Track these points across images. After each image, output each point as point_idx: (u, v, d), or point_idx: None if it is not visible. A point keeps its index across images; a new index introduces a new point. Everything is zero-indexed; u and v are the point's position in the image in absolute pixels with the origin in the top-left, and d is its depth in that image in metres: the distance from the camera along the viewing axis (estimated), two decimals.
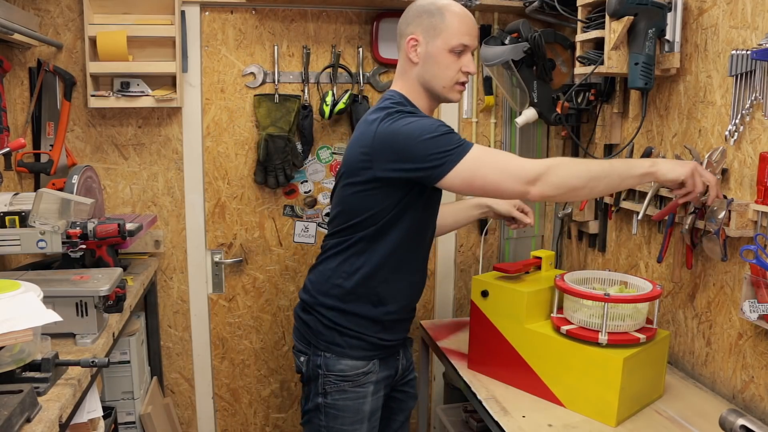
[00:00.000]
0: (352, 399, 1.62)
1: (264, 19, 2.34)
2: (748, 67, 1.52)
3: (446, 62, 1.56)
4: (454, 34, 1.55)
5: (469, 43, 1.57)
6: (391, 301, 1.65)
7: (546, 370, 1.63)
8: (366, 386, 1.64)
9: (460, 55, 1.57)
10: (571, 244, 2.46)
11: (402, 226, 1.58)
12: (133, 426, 2.08)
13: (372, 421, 1.66)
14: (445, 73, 1.57)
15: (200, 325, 2.46)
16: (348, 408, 1.62)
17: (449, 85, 1.59)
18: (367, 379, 1.64)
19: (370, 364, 1.64)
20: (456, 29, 1.55)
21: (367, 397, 1.64)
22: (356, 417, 1.62)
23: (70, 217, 1.71)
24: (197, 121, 2.34)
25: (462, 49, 1.56)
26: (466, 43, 1.56)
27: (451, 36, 1.55)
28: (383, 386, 1.69)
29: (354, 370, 1.62)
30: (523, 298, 1.66)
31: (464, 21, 1.57)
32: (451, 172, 1.41)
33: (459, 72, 1.58)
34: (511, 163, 1.44)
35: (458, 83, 1.59)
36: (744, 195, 1.58)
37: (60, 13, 2.18)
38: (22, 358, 1.21)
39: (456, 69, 1.57)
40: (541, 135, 2.62)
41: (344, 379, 1.62)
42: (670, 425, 1.52)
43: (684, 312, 1.84)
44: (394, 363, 1.73)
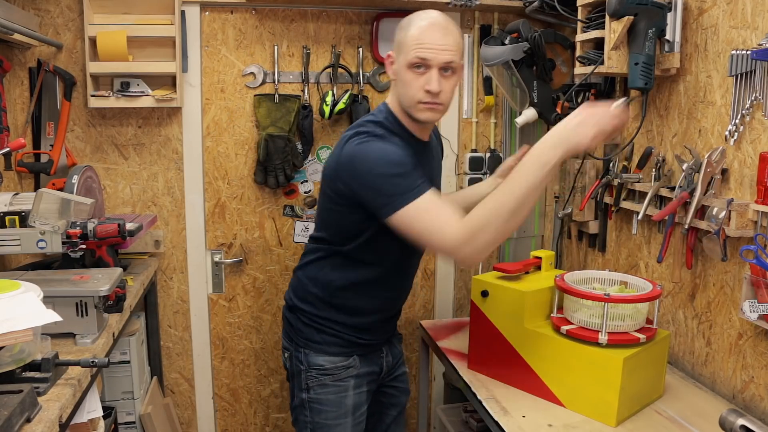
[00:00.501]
0: (333, 393, 1.63)
1: (264, 19, 2.34)
2: (748, 67, 1.52)
3: (407, 79, 1.46)
4: (411, 48, 1.43)
5: (428, 56, 1.42)
6: (367, 313, 1.66)
7: (546, 370, 1.63)
8: (347, 380, 1.64)
9: (423, 71, 1.44)
10: (571, 244, 2.46)
11: (374, 246, 1.55)
12: (133, 426, 2.08)
13: (357, 415, 1.65)
14: (407, 91, 1.47)
15: (200, 325, 2.46)
16: (330, 402, 1.63)
17: (412, 104, 1.48)
18: (348, 373, 1.64)
19: (350, 359, 1.64)
20: (414, 43, 1.43)
21: (349, 391, 1.64)
22: (339, 411, 1.63)
23: (70, 217, 1.71)
24: (197, 121, 2.34)
25: (420, 64, 1.43)
26: (422, 56, 1.42)
27: (408, 51, 1.44)
28: (366, 382, 1.68)
29: (333, 364, 1.63)
30: (523, 298, 1.66)
31: (425, 33, 1.43)
32: (390, 216, 1.38)
33: (421, 90, 1.45)
34: (444, 228, 1.34)
35: (421, 102, 1.46)
36: (744, 195, 1.58)
37: (60, 13, 2.18)
38: (22, 358, 1.21)
39: (417, 87, 1.45)
40: (541, 135, 2.59)
41: (324, 373, 1.63)
42: (670, 425, 1.52)
43: (684, 312, 1.84)
44: (377, 360, 1.73)
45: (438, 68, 1.43)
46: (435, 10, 1.50)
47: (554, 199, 2.62)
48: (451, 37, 1.45)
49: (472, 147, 2.56)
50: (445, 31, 1.44)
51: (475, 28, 2.47)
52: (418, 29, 1.44)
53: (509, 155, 2.57)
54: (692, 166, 1.68)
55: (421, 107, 1.47)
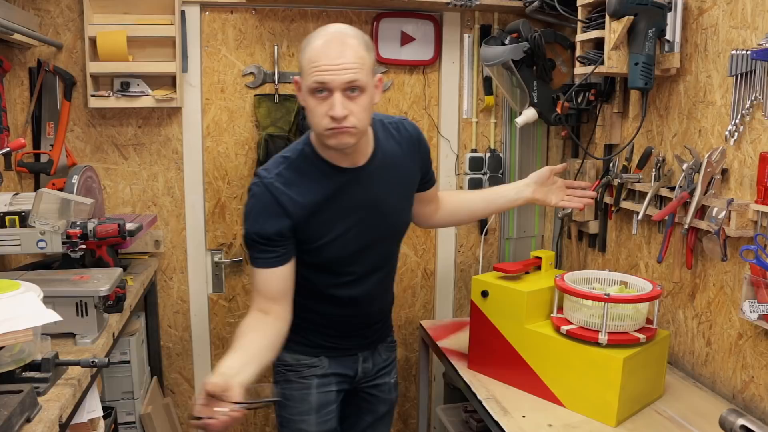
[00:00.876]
0: (296, 389, 1.61)
1: (264, 19, 2.34)
2: (748, 67, 1.52)
3: (311, 106, 1.32)
4: (309, 73, 1.29)
5: (326, 80, 1.27)
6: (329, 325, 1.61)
7: (546, 370, 1.63)
8: (309, 379, 1.61)
9: (325, 95, 1.29)
10: (571, 244, 2.46)
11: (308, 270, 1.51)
12: (133, 426, 2.08)
13: (322, 413, 1.61)
14: (313, 118, 1.34)
15: (200, 325, 2.46)
16: (294, 398, 1.61)
17: (320, 131, 1.34)
18: (311, 372, 1.61)
19: (315, 359, 1.61)
20: (310, 67, 1.28)
21: (311, 389, 1.61)
22: (302, 407, 1.60)
23: (70, 217, 1.71)
24: (197, 121, 2.34)
25: (320, 88, 1.28)
26: (320, 80, 1.27)
27: (307, 75, 1.30)
28: (335, 382, 1.62)
29: (297, 361, 1.61)
30: (523, 298, 1.66)
31: (320, 53, 1.28)
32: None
33: (325, 117, 1.30)
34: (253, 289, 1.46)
35: (327, 129, 1.31)
36: (744, 195, 1.58)
37: (60, 13, 2.18)
38: (22, 358, 1.21)
39: (321, 114, 1.30)
40: (541, 135, 2.62)
41: (289, 369, 1.62)
42: (670, 425, 1.52)
43: (684, 312, 1.84)
44: (351, 364, 1.65)
45: (340, 91, 1.28)
46: (336, 24, 1.35)
47: None
48: (351, 52, 1.29)
49: (472, 147, 2.55)
50: (342, 48, 1.28)
51: (475, 28, 2.47)
52: (314, 50, 1.29)
53: (509, 155, 2.58)
54: (692, 166, 1.68)
55: (329, 134, 1.33)
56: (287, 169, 1.43)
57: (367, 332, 1.66)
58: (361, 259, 1.53)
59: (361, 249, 1.51)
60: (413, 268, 2.62)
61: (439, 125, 2.52)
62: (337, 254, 1.48)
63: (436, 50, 2.46)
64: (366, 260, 1.54)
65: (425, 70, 2.49)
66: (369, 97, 1.34)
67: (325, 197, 1.42)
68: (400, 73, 2.47)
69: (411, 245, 2.60)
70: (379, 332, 1.70)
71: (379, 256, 1.57)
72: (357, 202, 1.46)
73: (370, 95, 1.34)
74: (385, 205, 1.51)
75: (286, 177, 1.42)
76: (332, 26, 1.34)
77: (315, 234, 1.44)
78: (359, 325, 1.64)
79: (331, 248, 1.47)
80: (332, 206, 1.44)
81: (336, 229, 1.45)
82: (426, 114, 2.52)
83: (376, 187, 1.48)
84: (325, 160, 1.43)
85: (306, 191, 1.41)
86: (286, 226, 1.40)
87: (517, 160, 2.59)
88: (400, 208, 1.57)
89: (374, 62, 1.36)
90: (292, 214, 1.40)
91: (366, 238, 1.50)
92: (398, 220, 1.58)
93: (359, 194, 1.46)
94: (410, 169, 1.58)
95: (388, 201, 1.52)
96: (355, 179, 1.45)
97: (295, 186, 1.41)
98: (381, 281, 1.62)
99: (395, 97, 2.48)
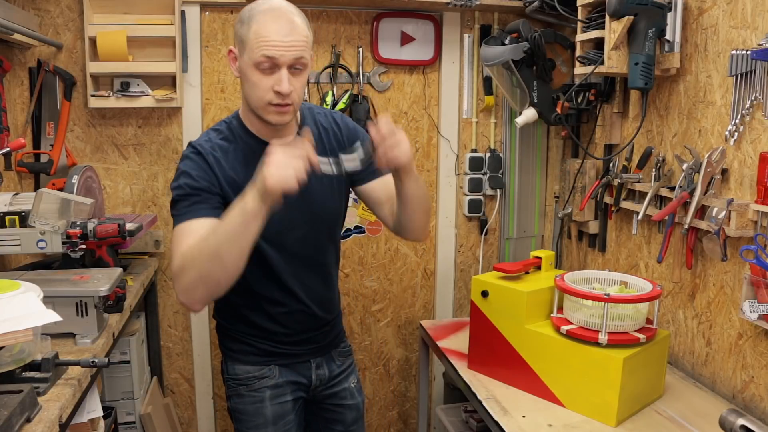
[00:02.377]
0: (249, 403, 1.56)
1: None
2: (748, 67, 1.52)
3: (254, 80, 1.32)
4: (256, 46, 1.29)
5: (275, 54, 1.29)
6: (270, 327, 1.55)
7: (546, 370, 1.63)
8: (262, 391, 1.56)
9: (271, 70, 1.31)
10: (571, 244, 2.46)
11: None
12: (133, 426, 2.08)
13: (280, 425, 1.56)
14: (254, 92, 1.34)
15: (200, 325, 2.46)
16: (247, 412, 1.56)
17: (261, 105, 1.35)
18: (263, 383, 1.56)
19: (265, 369, 1.56)
20: (258, 40, 1.29)
21: (265, 402, 1.56)
22: (257, 421, 1.55)
23: (70, 217, 1.71)
24: (197, 121, 2.33)
25: (269, 64, 1.30)
26: (269, 54, 1.29)
27: (253, 48, 1.30)
28: (290, 391, 1.57)
29: (246, 374, 1.56)
30: (523, 298, 1.66)
31: (270, 28, 1.29)
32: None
33: (270, 91, 1.32)
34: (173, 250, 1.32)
35: (270, 104, 1.34)
36: (744, 195, 1.58)
37: (60, 13, 2.18)
38: (22, 358, 1.21)
39: (265, 88, 1.32)
40: (541, 135, 2.62)
41: (239, 383, 1.57)
42: (670, 425, 1.52)
43: (684, 312, 1.84)
44: (304, 371, 1.60)
45: (287, 66, 1.31)
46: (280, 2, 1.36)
47: (554, 199, 2.62)
48: (300, 30, 1.32)
49: (472, 147, 2.56)
50: (292, 25, 1.31)
51: (475, 28, 2.47)
52: (262, 25, 1.30)
53: (509, 155, 2.58)
54: (692, 166, 1.68)
55: (271, 109, 1.35)
56: (216, 138, 1.44)
57: (316, 336, 1.61)
58: (286, 242, 1.48)
59: (285, 230, 1.46)
60: (413, 268, 2.62)
61: (439, 125, 2.52)
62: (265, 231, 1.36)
63: (436, 50, 2.46)
64: (292, 244, 1.49)
65: (425, 70, 2.49)
66: (306, 75, 1.38)
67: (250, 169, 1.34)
68: (400, 73, 2.47)
69: (411, 245, 2.60)
70: (329, 336, 1.65)
71: (306, 244, 1.52)
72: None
73: (307, 74, 1.38)
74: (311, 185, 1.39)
75: (214, 143, 1.43)
76: (274, 1, 1.35)
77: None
78: (303, 326, 1.57)
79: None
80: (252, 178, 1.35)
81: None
82: (426, 114, 2.52)
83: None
84: (253, 134, 1.44)
85: (232, 160, 1.41)
86: (215, 183, 1.38)
87: (517, 160, 2.59)
88: (322, 193, 1.50)
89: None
90: (218, 175, 1.39)
91: (289, 219, 1.45)
92: (322, 205, 1.52)
93: None
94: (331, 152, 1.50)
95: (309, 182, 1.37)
96: None
97: (222, 152, 1.42)
98: (314, 274, 1.56)
99: (395, 97, 2.48)
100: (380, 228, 2.55)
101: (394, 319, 2.65)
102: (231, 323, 1.59)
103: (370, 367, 2.67)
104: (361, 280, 2.59)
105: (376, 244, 2.57)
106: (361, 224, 2.54)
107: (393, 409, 2.74)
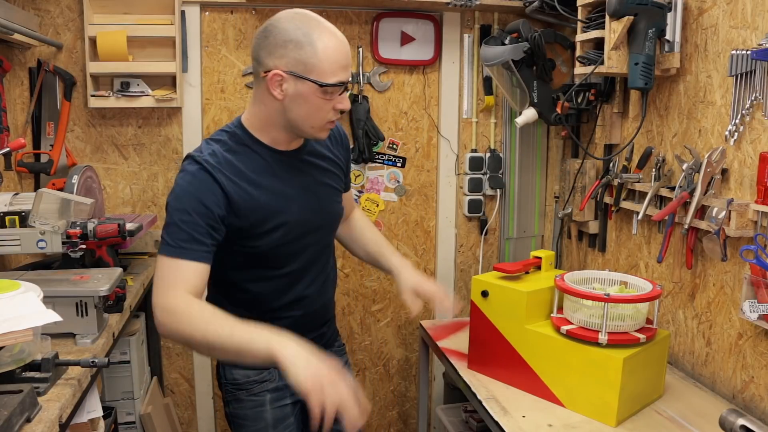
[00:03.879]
0: (249, 408, 1.54)
1: (264, 19, 2.33)
2: (748, 67, 1.52)
3: (318, 103, 1.33)
4: (330, 71, 1.31)
5: (345, 78, 1.34)
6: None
7: (546, 370, 1.63)
8: (262, 395, 1.54)
9: (338, 92, 1.35)
10: (571, 244, 2.46)
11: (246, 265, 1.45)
12: (133, 426, 2.08)
13: (280, 429, 1.54)
14: (316, 113, 1.35)
15: None
16: (247, 417, 1.54)
17: (319, 125, 1.38)
18: (262, 387, 1.54)
19: (264, 372, 1.53)
20: (332, 65, 1.31)
21: (265, 406, 1.54)
22: (258, 426, 1.53)
23: (70, 217, 1.71)
24: (197, 121, 2.34)
25: (341, 86, 1.34)
26: (342, 79, 1.33)
27: (325, 74, 1.30)
28: (289, 395, 1.54)
29: (246, 378, 1.53)
30: (523, 298, 1.66)
31: (340, 52, 1.32)
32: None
33: (332, 111, 1.37)
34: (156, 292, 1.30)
35: (330, 122, 1.39)
36: (744, 195, 1.58)
37: (60, 13, 2.18)
38: (22, 358, 1.21)
39: (328, 109, 1.36)
40: (541, 135, 2.62)
41: (238, 388, 1.54)
42: (670, 425, 1.52)
43: (684, 312, 1.84)
44: None
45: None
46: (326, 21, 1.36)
47: (554, 199, 2.62)
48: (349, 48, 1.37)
49: (472, 147, 2.56)
50: (348, 47, 1.35)
51: (475, 28, 2.47)
52: (334, 50, 1.31)
53: (509, 155, 2.58)
54: (692, 166, 1.68)
55: (329, 126, 1.40)
56: (222, 151, 1.39)
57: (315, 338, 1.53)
58: (300, 249, 1.48)
59: (302, 236, 1.47)
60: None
61: (439, 125, 2.52)
62: (281, 240, 1.42)
63: (436, 50, 2.46)
64: (305, 250, 1.50)
65: (425, 70, 2.49)
66: None
67: (263, 177, 1.39)
68: (400, 73, 2.47)
69: (411, 245, 2.60)
70: (326, 337, 1.65)
71: (317, 248, 1.53)
72: (294, 184, 1.44)
73: None
74: (320, 189, 1.51)
75: (221, 158, 1.37)
76: (329, 23, 1.34)
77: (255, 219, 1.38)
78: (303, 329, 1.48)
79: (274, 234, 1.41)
80: (270, 187, 1.40)
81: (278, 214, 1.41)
82: (426, 114, 2.52)
83: (310, 170, 1.49)
84: (262, 143, 1.42)
85: (245, 172, 1.38)
86: (223, 205, 1.33)
87: (517, 160, 2.59)
88: (332, 195, 1.55)
89: None
90: (228, 193, 1.34)
91: (306, 226, 1.47)
92: (331, 208, 1.56)
93: (296, 177, 1.45)
94: (336, 160, 1.58)
95: (321, 186, 1.52)
96: (291, 161, 1.45)
97: (231, 168, 1.37)
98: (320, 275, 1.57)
99: (395, 97, 2.48)
100: (380, 228, 2.56)
101: (394, 319, 2.65)
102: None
103: (370, 367, 2.67)
104: (361, 280, 2.59)
105: None
106: None
107: (393, 409, 2.74)
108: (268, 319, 1.41)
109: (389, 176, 2.53)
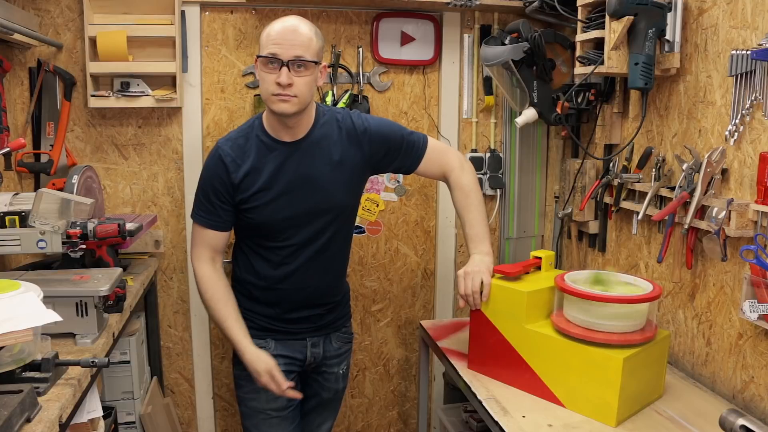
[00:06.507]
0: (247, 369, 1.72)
1: (264, 19, 2.34)
2: (748, 67, 1.52)
3: (262, 76, 1.58)
4: (264, 46, 1.56)
5: (277, 51, 1.54)
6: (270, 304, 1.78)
7: (546, 370, 1.63)
8: None
9: (275, 66, 1.55)
10: (571, 244, 2.46)
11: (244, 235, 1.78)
12: (133, 426, 2.08)
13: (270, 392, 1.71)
14: (263, 86, 1.59)
15: (200, 325, 2.46)
16: (245, 377, 1.75)
17: (268, 97, 1.59)
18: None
19: (262, 341, 1.76)
20: (266, 41, 1.56)
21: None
22: (252, 386, 1.74)
23: (70, 217, 1.71)
24: (197, 121, 2.34)
25: (272, 59, 1.54)
26: (272, 51, 1.54)
27: (262, 47, 1.57)
28: (282, 363, 1.74)
29: None
30: (523, 298, 1.66)
31: (278, 31, 1.56)
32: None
33: (273, 84, 1.56)
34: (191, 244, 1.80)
35: (273, 95, 1.57)
36: (744, 195, 1.58)
37: (60, 13, 2.18)
38: (22, 358, 1.21)
39: (270, 81, 1.56)
40: (541, 135, 2.62)
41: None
42: (670, 425, 1.52)
43: (684, 312, 1.84)
44: (299, 348, 1.82)
45: (287, 62, 1.54)
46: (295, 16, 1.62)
47: (554, 199, 2.62)
48: (302, 33, 1.56)
49: (472, 147, 2.56)
50: (295, 30, 1.56)
51: (475, 28, 2.47)
52: (272, 29, 1.57)
53: (509, 155, 2.58)
54: (692, 166, 1.68)
55: (274, 99, 1.57)
56: (237, 136, 1.70)
57: (312, 316, 1.81)
58: (293, 228, 1.71)
59: (292, 217, 1.69)
60: (413, 268, 2.62)
61: (439, 125, 2.52)
62: (270, 216, 1.68)
63: (436, 50, 2.46)
64: (299, 231, 1.71)
65: (425, 70, 2.49)
66: (312, 77, 1.59)
67: (262, 164, 1.66)
68: (400, 73, 2.47)
69: (411, 245, 2.60)
70: (328, 319, 1.85)
71: (314, 231, 1.72)
72: (290, 172, 1.66)
73: (313, 75, 1.60)
74: (317, 180, 1.69)
75: (233, 142, 1.69)
76: (291, 16, 1.61)
77: (251, 194, 1.66)
78: (299, 304, 1.78)
79: (264, 210, 1.67)
80: (267, 173, 1.65)
81: (269, 193, 1.66)
82: (426, 114, 2.52)
83: (309, 162, 1.68)
84: (268, 134, 1.68)
85: (247, 156, 1.66)
86: (226, 183, 1.65)
87: (517, 160, 2.59)
88: (333, 188, 1.71)
89: (321, 49, 1.62)
90: (232, 173, 1.65)
91: (296, 208, 1.69)
92: (330, 197, 1.71)
93: (293, 166, 1.67)
94: (351, 156, 1.73)
95: (319, 177, 1.69)
96: (290, 152, 1.67)
97: (239, 150, 1.67)
98: (317, 257, 1.75)
99: (395, 97, 2.48)
100: (380, 228, 2.56)
101: (394, 319, 2.65)
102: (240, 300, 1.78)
103: (370, 367, 2.67)
104: (361, 280, 2.59)
105: (376, 244, 2.57)
106: (361, 224, 2.54)
107: (393, 409, 2.74)
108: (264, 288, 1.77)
109: (389, 176, 2.53)
